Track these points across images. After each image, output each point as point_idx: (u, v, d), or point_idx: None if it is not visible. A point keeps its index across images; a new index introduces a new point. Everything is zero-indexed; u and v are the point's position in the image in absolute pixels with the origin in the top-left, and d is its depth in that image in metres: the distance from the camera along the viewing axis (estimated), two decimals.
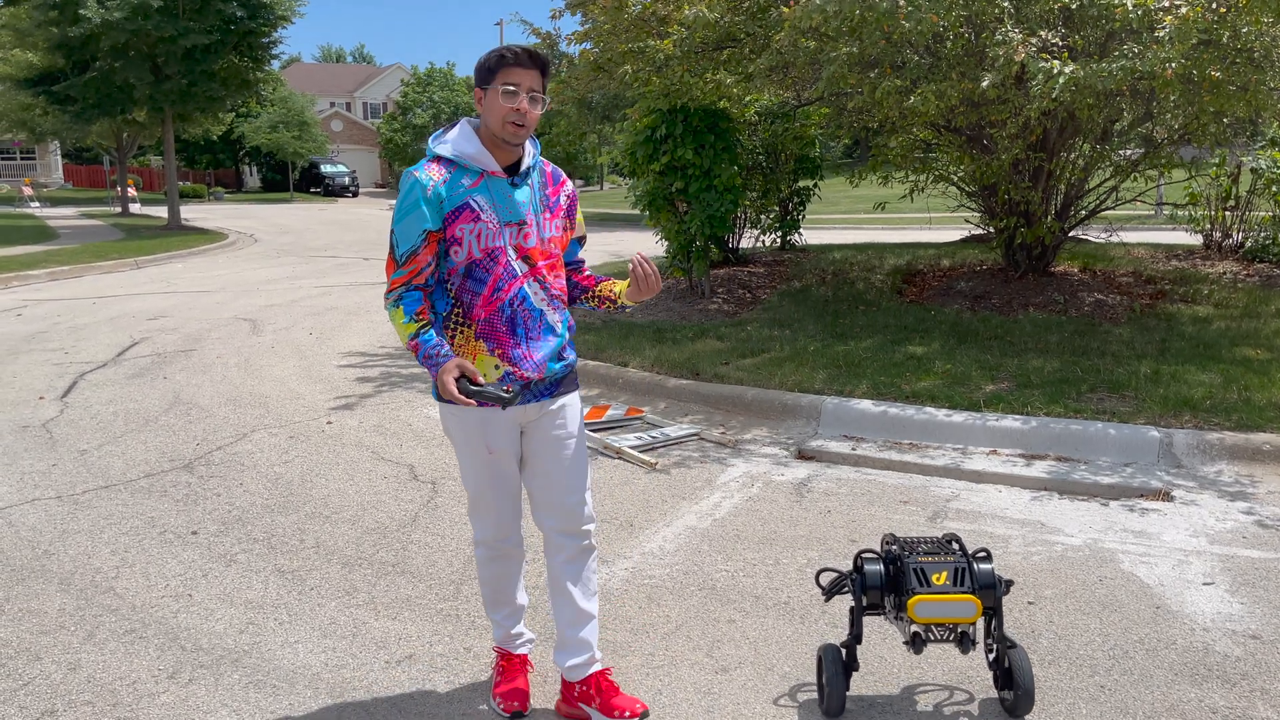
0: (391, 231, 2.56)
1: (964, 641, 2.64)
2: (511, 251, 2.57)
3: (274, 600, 3.52)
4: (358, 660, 3.09)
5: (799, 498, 4.55)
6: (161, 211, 27.87)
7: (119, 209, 29.80)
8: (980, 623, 3.00)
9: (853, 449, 5.18)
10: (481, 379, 2.46)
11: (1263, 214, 9.76)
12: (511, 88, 2.49)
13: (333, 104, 60.13)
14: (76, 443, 5.50)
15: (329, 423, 5.88)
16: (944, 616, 2.60)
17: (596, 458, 5.17)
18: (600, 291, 2.81)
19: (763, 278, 9.87)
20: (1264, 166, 9.41)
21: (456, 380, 2.43)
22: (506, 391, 2.41)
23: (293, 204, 40.86)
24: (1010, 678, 2.68)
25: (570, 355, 2.73)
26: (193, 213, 30.53)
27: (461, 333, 2.60)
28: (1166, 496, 4.46)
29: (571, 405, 2.74)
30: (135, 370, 7.42)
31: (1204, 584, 3.59)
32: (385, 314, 10.28)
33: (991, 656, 2.76)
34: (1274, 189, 9.33)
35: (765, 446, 5.36)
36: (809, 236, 12.11)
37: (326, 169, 48.78)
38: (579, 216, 2.86)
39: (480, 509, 2.74)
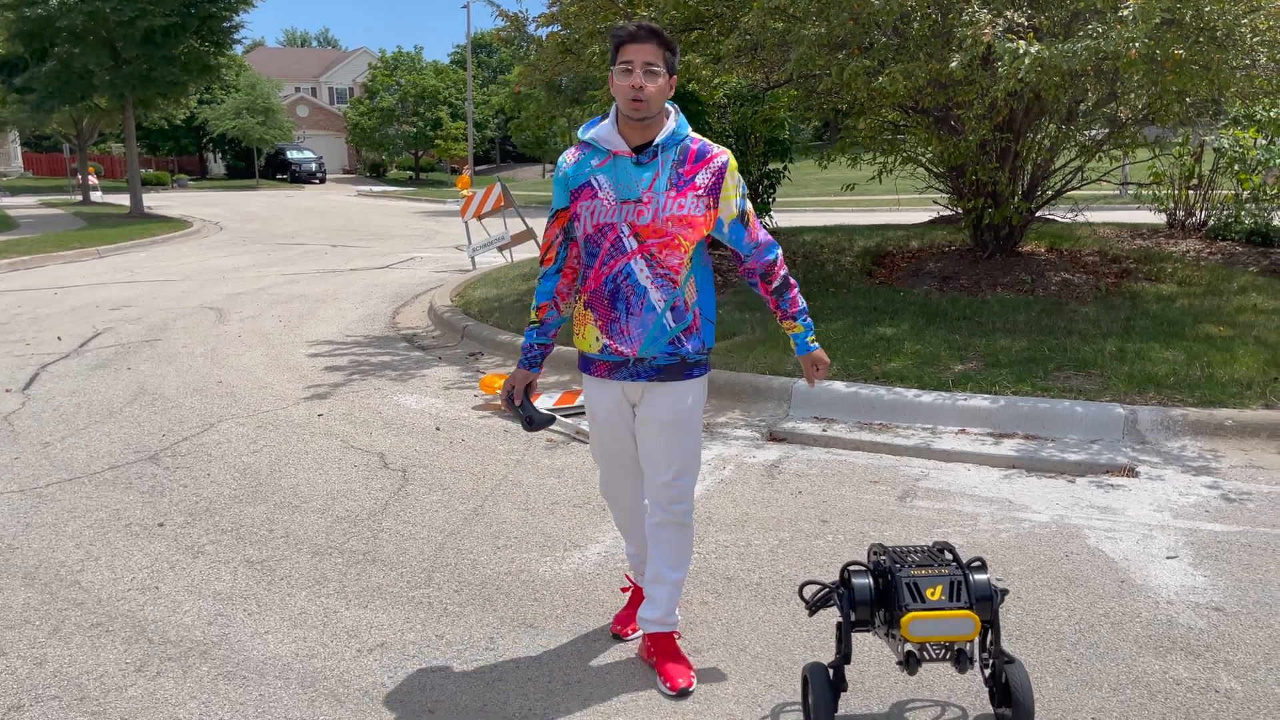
0: None
1: (961, 660, 2.48)
2: (625, 228, 2.68)
3: (243, 591, 3.48)
4: (329, 649, 3.07)
5: (770, 479, 4.57)
6: (124, 199, 27.37)
7: (80, 197, 29.28)
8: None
9: (824, 430, 5.21)
10: (523, 400, 2.87)
11: (1225, 192, 9.88)
12: (626, 65, 2.59)
13: (298, 89, 59.27)
14: (39, 435, 5.41)
15: (319, 415, 5.79)
16: (941, 634, 2.43)
17: (567, 443, 5.15)
18: (782, 324, 2.94)
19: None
20: (1226, 145, 9.52)
21: (509, 390, 2.87)
22: (529, 422, 2.84)
23: (259, 191, 40.33)
24: (1008, 694, 2.51)
25: (687, 346, 2.76)
26: (156, 200, 30.03)
27: (579, 300, 2.82)
28: (1131, 472, 4.52)
29: (671, 393, 2.77)
30: (98, 361, 7.30)
31: (1168, 558, 3.64)
32: (353, 301, 10.19)
33: (988, 672, 2.61)
34: (1236, 168, 9.45)
35: (737, 429, 5.37)
36: (779, 219, 12.11)
37: (293, 155, 48.06)
38: (728, 194, 2.72)
39: (596, 458, 3.01)
